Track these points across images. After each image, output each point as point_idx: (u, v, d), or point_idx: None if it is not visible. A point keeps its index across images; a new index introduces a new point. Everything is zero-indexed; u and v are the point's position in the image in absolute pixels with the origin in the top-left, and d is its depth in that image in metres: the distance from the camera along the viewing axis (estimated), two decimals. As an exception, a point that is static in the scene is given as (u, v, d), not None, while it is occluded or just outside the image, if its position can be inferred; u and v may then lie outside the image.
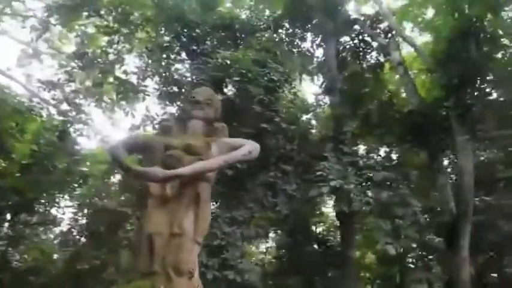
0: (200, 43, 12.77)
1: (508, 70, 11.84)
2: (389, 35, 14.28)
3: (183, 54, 13.26)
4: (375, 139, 12.00)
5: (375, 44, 15.12)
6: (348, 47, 15.60)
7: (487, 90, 11.40)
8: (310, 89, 29.16)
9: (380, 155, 12.18)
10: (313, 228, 17.25)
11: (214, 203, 10.83)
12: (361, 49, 15.37)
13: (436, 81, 11.64)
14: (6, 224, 14.33)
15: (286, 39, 14.89)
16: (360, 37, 15.21)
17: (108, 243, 13.76)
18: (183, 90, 12.45)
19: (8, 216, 14.13)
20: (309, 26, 14.85)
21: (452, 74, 10.41)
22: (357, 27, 15.03)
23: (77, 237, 14.81)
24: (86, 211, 14.69)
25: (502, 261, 13.45)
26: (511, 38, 11.57)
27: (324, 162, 10.61)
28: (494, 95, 11.67)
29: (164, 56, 12.26)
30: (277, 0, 14.50)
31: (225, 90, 11.87)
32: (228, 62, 11.11)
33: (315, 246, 15.55)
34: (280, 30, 14.70)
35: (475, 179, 10.87)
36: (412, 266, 14.98)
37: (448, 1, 11.20)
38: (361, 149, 13.97)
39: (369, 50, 15.34)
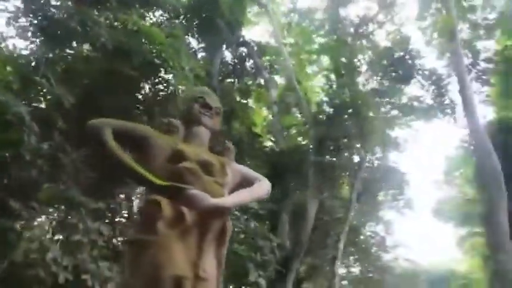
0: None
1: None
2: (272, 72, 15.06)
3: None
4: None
5: (250, 71, 15.65)
6: (226, 62, 15.58)
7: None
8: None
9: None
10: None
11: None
12: (238, 71, 15.59)
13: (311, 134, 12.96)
14: None
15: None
16: (242, 60, 15.47)
17: None
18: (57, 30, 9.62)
19: None
20: (204, 27, 14.16)
21: (335, 133, 11.90)
22: (245, 49, 15.26)
23: None
24: None
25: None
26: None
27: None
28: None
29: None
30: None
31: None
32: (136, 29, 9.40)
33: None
34: (176, 20, 13.41)
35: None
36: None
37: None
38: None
39: (245, 76, 15.71)
